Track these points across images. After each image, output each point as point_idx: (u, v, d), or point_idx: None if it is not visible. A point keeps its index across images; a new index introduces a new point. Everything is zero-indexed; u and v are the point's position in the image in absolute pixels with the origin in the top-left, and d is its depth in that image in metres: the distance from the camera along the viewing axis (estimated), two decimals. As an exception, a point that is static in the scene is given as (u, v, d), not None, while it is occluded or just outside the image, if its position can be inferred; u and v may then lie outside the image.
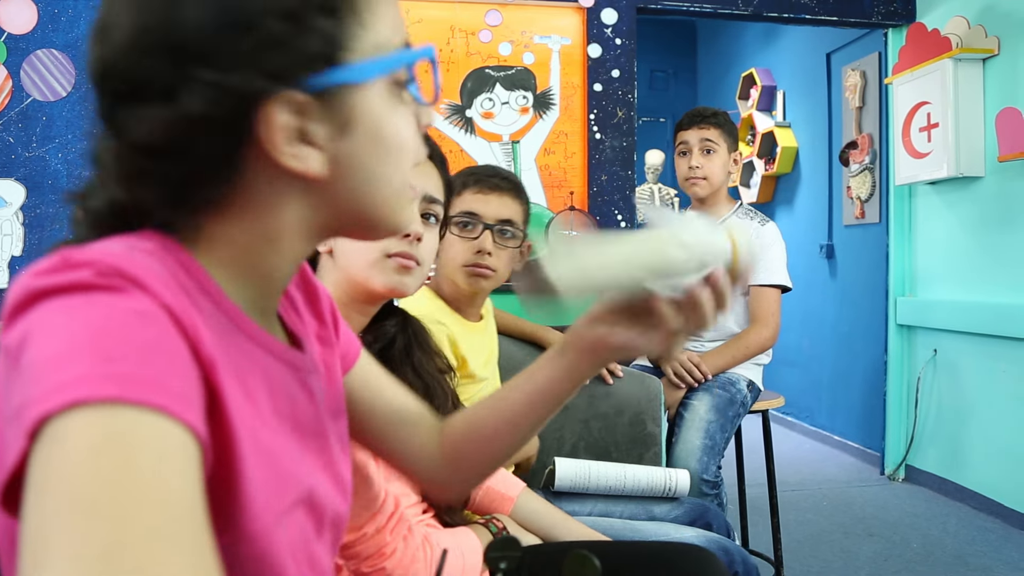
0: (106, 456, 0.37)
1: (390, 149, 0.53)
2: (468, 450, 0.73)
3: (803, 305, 4.34)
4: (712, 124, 2.02)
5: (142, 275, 0.43)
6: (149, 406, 0.39)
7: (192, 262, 0.50)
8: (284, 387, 0.55)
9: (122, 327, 0.41)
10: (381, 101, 0.52)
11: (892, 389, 3.37)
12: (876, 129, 3.54)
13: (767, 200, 4.67)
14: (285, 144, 0.48)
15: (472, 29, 3.11)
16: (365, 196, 0.53)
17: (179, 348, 0.43)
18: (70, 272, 0.42)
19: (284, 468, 0.52)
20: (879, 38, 3.49)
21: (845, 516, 2.87)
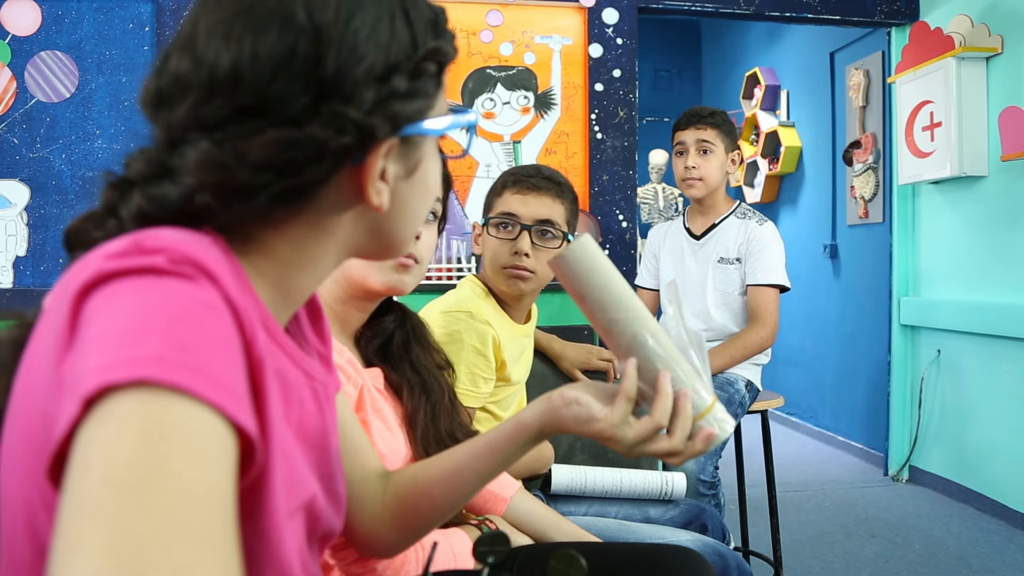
0: (155, 445, 0.38)
1: (429, 193, 0.61)
2: (410, 502, 0.74)
3: (807, 305, 4.33)
4: (709, 124, 2.01)
5: (214, 267, 0.44)
6: (208, 401, 0.40)
7: (238, 265, 0.52)
8: (297, 393, 0.57)
9: (196, 317, 0.42)
10: (432, 153, 0.60)
11: (896, 390, 3.35)
12: (880, 128, 3.53)
13: (771, 200, 4.66)
14: (375, 180, 0.54)
15: (473, 29, 3.11)
16: (403, 228, 0.60)
17: (237, 344, 0.45)
18: (143, 256, 0.43)
19: (297, 470, 0.54)
20: (882, 37, 3.48)
21: (847, 517, 2.86)
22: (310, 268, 0.57)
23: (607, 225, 3.15)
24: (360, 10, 0.51)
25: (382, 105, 0.51)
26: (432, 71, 0.55)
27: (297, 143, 0.49)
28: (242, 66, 0.49)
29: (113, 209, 0.51)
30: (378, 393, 0.96)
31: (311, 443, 0.59)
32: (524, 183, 1.34)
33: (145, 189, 0.50)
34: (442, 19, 0.58)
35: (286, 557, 0.52)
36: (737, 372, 1.96)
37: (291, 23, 0.49)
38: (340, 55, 0.50)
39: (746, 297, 2.02)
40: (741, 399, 1.91)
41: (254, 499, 0.48)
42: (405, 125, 0.54)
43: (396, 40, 0.53)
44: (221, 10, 0.50)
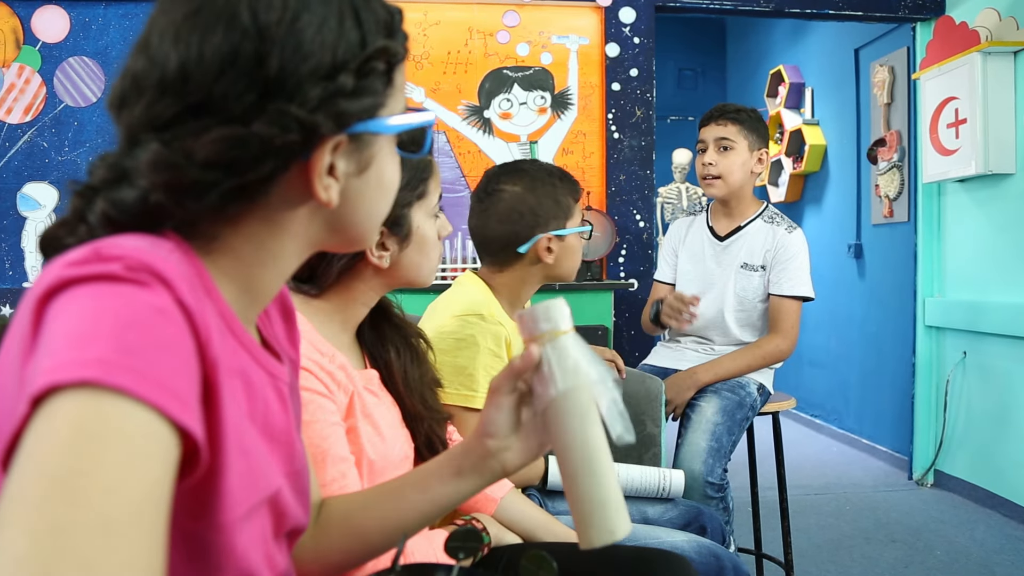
0: (90, 442, 0.40)
1: (386, 190, 0.62)
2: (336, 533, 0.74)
3: (831, 305, 4.26)
4: (731, 120, 1.92)
5: (168, 272, 0.46)
6: (149, 403, 0.42)
7: (202, 267, 0.53)
8: (261, 391, 0.59)
9: (144, 322, 0.44)
10: (388, 150, 0.61)
11: (920, 392, 3.29)
12: (905, 126, 3.46)
13: (795, 199, 4.60)
14: (323, 176, 0.54)
15: (490, 30, 3.13)
16: (358, 223, 0.61)
17: (189, 348, 0.46)
18: (101, 264, 0.45)
19: (257, 467, 0.55)
20: (907, 32, 3.41)
21: (868, 521, 2.81)
22: (271, 265, 0.58)
23: (624, 225, 3.14)
24: (306, 11, 0.52)
25: (328, 103, 0.52)
26: (381, 70, 0.55)
27: (243, 140, 0.50)
28: (189, 65, 0.50)
29: (82, 216, 0.53)
30: (371, 395, 0.96)
31: (277, 440, 0.61)
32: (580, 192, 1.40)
33: (107, 194, 0.52)
34: (397, 20, 0.59)
35: (244, 551, 0.54)
36: (749, 375, 1.92)
37: (236, 24, 0.50)
38: (284, 54, 0.51)
39: (766, 305, 1.96)
40: (752, 402, 1.88)
41: (207, 494, 0.50)
42: (354, 123, 0.55)
43: (344, 40, 0.53)
44: (173, 12, 0.52)
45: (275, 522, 0.60)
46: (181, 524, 0.50)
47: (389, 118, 0.58)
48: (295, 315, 0.72)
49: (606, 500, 0.67)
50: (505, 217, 1.33)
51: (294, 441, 0.64)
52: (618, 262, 3.13)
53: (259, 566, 0.57)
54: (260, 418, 0.58)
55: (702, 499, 1.70)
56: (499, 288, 1.38)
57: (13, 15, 2.97)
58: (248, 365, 0.57)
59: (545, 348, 0.67)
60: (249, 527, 0.55)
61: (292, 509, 0.62)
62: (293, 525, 0.64)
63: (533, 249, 1.35)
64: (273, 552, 0.60)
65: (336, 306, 0.96)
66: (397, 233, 0.94)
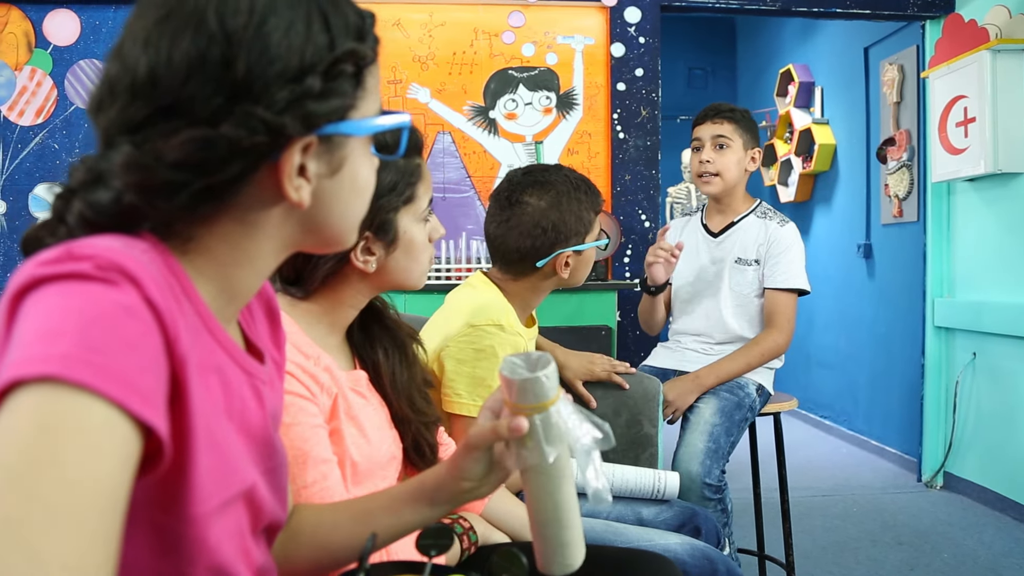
0: (48, 436, 0.41)
1: (360, 191, 0.63)
2: (305, 543, 0.75)
3: (840, 306, 4.23)
4: (726, 119, 1.94)
5: (137, 271, 0.47)
6: (109, 398, 0.43)
7: (179, 267, 0.55)
8: (238, 389, 0.60)
9: (110, 319, 0.45)
10: (361, 152, 0.61)
11: (930, 393, 3.26)
12: (914, 125, 3.43)
13: (805, 199, 4.57)
14: (292, 177, 0.55)
15: (495, 31, 3.13)
16: (334, 224, 0.62)
17: (156, 345, 0.48)
18: (72, 263, 0.46)
19: (231, 462, 0.56)
20: (917, 31, 3.38)
21: (874, 523, 2.79)
22: (248, 265, 0.59)
23: (629, 225, 3.14)
24: (273, 15, 0.53)
25: (295, 105, 0.53)
26: (349, 72, 0.56)
27: (211, 142, 0.51)
28: (159, 69, 0.51)
29: (61, 217, 0.54)
30: (358, 396, 0.96)
31: (254, 437, 0.62)
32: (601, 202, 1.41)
33: (84, 195, 0.53)
34: (368, 24, 0.60)
35: (218, 544, 0.55)
36: (748, 376, 1.92)
37: (203, 29, 0.52)
38: (251, 58, 0.52)
39: (762, 300, 1.97)
40: (751, 403, 1.88)
41: (177, 487, 0.51)
42: (323, 124, 0.55)
43: (311, 43, 0.54)
44: (145, 18, 0.53)
45: (252, 517, 0.61)
46: (152, 518, 0.51)
47: (361, 120, 0.59)
48: (280, 316, 0.74)
49: (569, 543, 0.71)
50: (528, 232, 1.32)
51: (271, 438, 0.65)
52: (623, 262, 3.13)
53: (233, 560, 0.57)
54: (237, 415, 0.59)
55: (700, 500, 1.70)
56: (512, 294, 1.38)
57: (25, 19, 3.01)
58: (225, 363, 0.58)
59: (533, 419, 0.68)
60: (223, 521, 0.56)
61: (269, 505, 0.63)
62: (271, 521, 0.64)
63: (550, 263, 1.35)
64: (250, 547, 0.61)
65: (324, 308, 0.96)
66: (383, 238, 0.94)
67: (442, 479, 0.74)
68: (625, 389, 1.61)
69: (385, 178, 0.92)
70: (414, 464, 1.02)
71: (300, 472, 0.83)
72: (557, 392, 0.69)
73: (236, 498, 0.57)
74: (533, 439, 0.68)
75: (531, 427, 0.68)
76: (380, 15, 2.15)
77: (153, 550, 0.52)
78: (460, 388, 1.26)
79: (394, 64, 3.09)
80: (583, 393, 1.59)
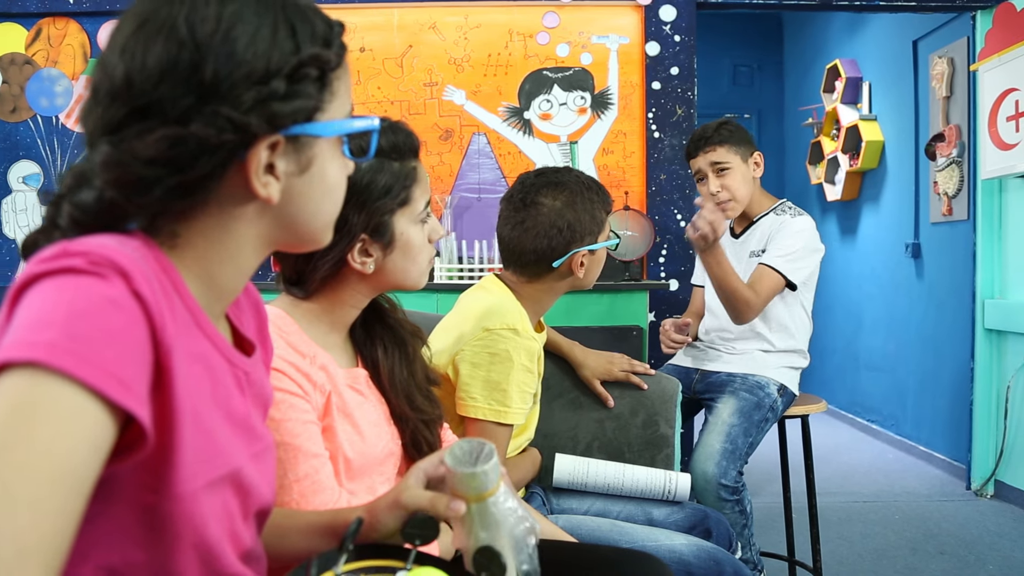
0: (22, 418, 0.45)
1: (330, 189, 0.66)
2: (272, 542, 0.77)
3: (889, 307, 4.11)
4: (716, 143, 1.93)
5: (127, 266, 0.52)
6: (89, 386, 0.47)
7: (168, 263, 0.59)
8: (223, 379, 0.64)
9: (95, 310, 0.49)
10: (331, 152, 0.65)
11: (979, 398, 3.14)
12: (964, 120, 3.31)
13: (852, 197, 4.45)
14: (260, 173, 0.59)
15: (530, 32, 3.15)
16: (306, 222, 0.65)
17: (140, 335, 0.52)
18: (66, 259, 0.51)
19: (217, 445, 0.60)
20: (967, 22, 3.26)
21: (917, 531, 2.71)
22: (229, 261, 0.63)
23: (665, 224, 3.11)
24: (240, 23, 0.57)
25: (261, 105, 0.57)
26: (313, 76, 0.60)
27: (181, 139, 0.55)
28: (133, 73, 0.56)
29: (54, 222, 0.59)
30: (355, 393, 0.98)
31: (239, 424, 0.65)
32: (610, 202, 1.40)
33: (70, 198, 0.58)
34: (336, 32, 0.63)
35: (204, 523, 0.58)
36: (769, 376, 1.89)
37: (174, 36, 0.56)
38: (218, 62, 0.56)
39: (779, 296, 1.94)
40: (772, 403, 1.85)
41: (162, 468, 0.55)
42: (288, 124, 0.59)
43: (277, 49, 0.58)
44: (125, 29, 0.58)
45: (241, 501, 0.64)
46: (140, 498, 0.55)
47: (328, 122, 0.62)
48: (267, 320, 0.77)
49: None
50: (544, 232, 1.32)
51: (254, 426, 0.68)
52: (658, 262, 3.11)
53: (219, 539, 0.61)
54: (223, 402, 0.63)
55: (716, 501, 1.68)
56: (525, 297, 1.38)
57: (82, 31, 3.16)
58: (211, 353, 0.62)
59: (471, 506, 0.71)
60: (210, 501, 0.59)
61: (257, 488, 0.66)
62: (260, 505, 0.67)
63: (566, 263, 1.35)
64: (240, 531, 0.65)
65: (324, 308, 0.99)
66: (379, 240, 0.96)
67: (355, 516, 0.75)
68: (644, 390, 1.61)
69: (380, 181, 0.95)
70: (413, 460, 1.04)
71: (292, 466, 0.85)
72: (497, 484, 0.72)
73: (222, 479, 0.61)
74: (470, 524, 0.71)
75: (467, 512, 0.71)
76: (416, 18, 2.23)
77: (140, 529, 0.56)
78: (475, 392, 1.27)
79: (430, 67, 3.14)
80: (600, 392, 1.59)
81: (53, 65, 3.14)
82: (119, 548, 0.55)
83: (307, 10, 0.61)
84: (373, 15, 3.12)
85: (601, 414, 1.63)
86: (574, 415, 1.64)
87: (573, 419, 1.64)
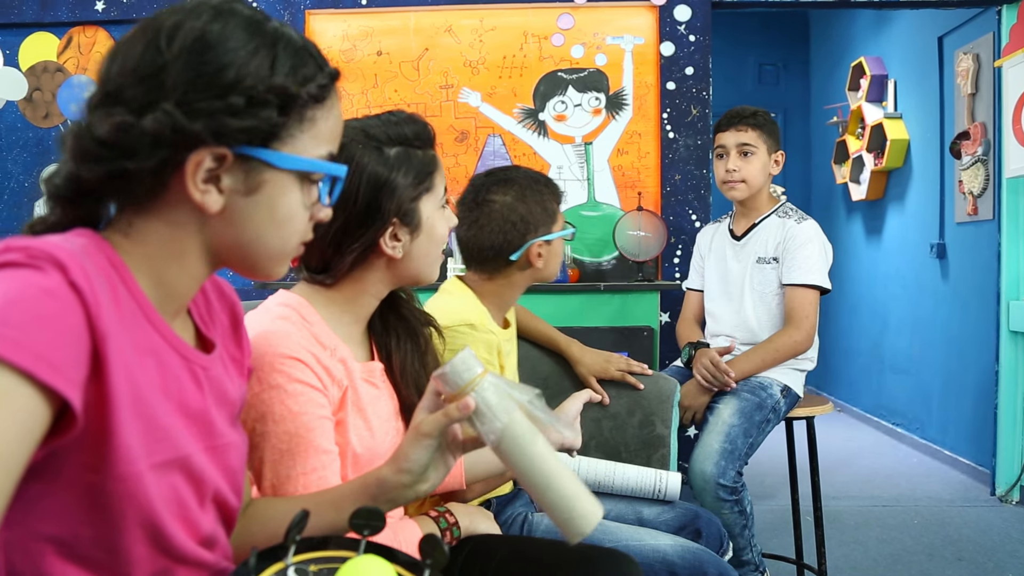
0: None
1: (278, 221, 0.68)
2: (258, 532, 0.80)
3: (914, 309, 4.04)
4: (750, 126, 1.94)
5: (64, 258, 0.56)
6: (21, 368, 0.51)
7: (118, 259, 0.64)
8: (174, 372, 0.67)
9: (29, 299, 0.53)
10: (288, 186, 0.67)
11: (1004, 402, 3.07)
12: (989, 117, 3.24)
13: (878, 197, 4.37)
14: (200, 180, 0.63)
15: (544, 33, 3.16)
16: (246, 244, 0.68)
17: (75, 322, 0.55)
18: (7, 254, 0.56)
19: (163, 431, 0.63)
20: (993, 17, 3.19)
21: (935, 536, 2.66)
22: (175, 263, 0.67)
23: (679, 225, 3.10)
24: (220, 41, 0.63)
25: (212, 116, 0.61)
26: (274, 103, 0.64)
27: (129, 127, 0.60)
28: (114, 67, 0.63)
29: (44, 219, 0.66)
30: (371, 387, 1.00)
31: (191, 415, 0.68)
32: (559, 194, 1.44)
33: (53, 179, 0.65)
34: (324, 75, 0.67)
35: (149, 503, 0.62)
36: (772, 376, 1.88)
37: (153, 42, 0.62)
38: (182, 69, 0.61)
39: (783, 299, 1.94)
40: (774, 404, 1.84)
41: (102, 448, 0.58)
42: (241, 143, 0.63)
43: (248, 71, 0.63)
44: (136, 30, 0.65)
45: (194, 488, 0.67)
46: (83, 478, 0.59)
47: (287, 154, 0.66)
48: (242, 320, 0.81)
49: (572, 498, 0.77)
50: (498, 227, 1.36)
51: (213, 421, 0.71)
52: (673, 262, 3.10)
53: (170, 522, 0.64)
54: (175, 394, 0.66)
55: (715, 501, 1.68)
56: (487, 295, 1.41)
57: (110, 38, 3.25)
58: (162, 348, 0.65)
59: (476, 395, 0.76)
60: (157, 483, 0.62)
61: (211, 476, 0.69)
62: (216, 494, 0.70)
63: (524, 256, 1.38)
64: (195, 517, 0.68)
65: (347, 296, 1.00)
66: (408, 224, 0.98)
67: (383, 475, 0.79)
68: (640, 390, 1.61)
69: (406, 170, 0.97)
70: None
71: (302, 459, 0.87)
72: (483, 368, 0.77)
73: (169, 464, 0.64)
74: (481, 415, 0.76)
75: (479, 403, 0.76)
76: (432, 22, 2.27)
77: (85, 506, 0.59)
78: None
79: (446, 69, 3.17)
80: (596, 388, 1.60)
81: (83, 72, 3.24)
82: (68, 524, 0.59)
83: (302, 51, 0.66)
84: (390, 19, 3.16)
85: (598, 413, 1.64)
86: (572, 415, 1.65)
87: (571, 418, 1.65)
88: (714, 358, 1.83)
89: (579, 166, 3.18)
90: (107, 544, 0.61)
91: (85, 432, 0.57)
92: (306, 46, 0.67)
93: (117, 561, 0.62)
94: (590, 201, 3.17)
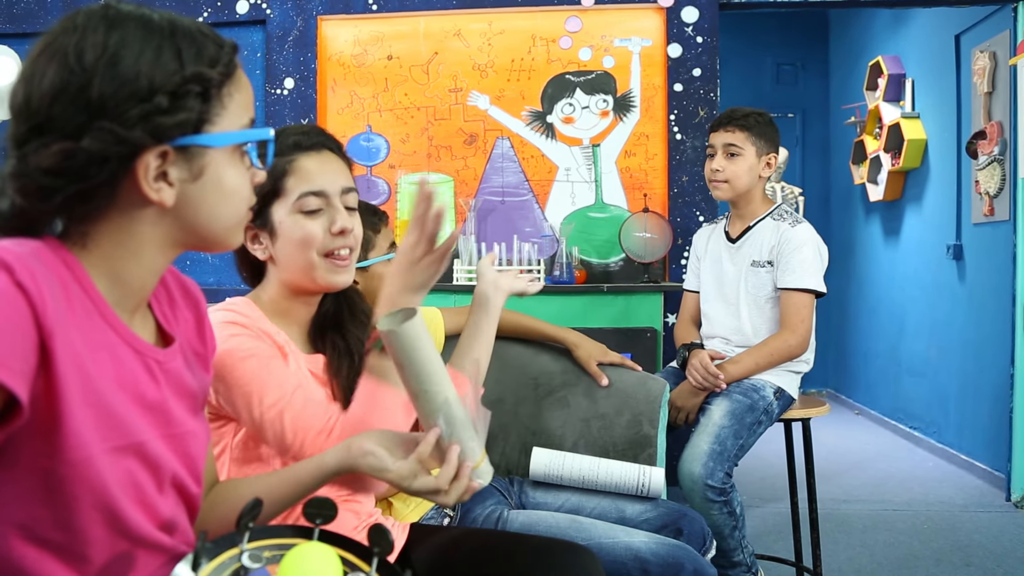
0: None
1: (227, 194, 0.72)
2: (221, 514, 0.84)
3: (931, 311, 3.98)
4: (739, 127, 1.96)
5: (10, 260, 0.60)
6: None
7: (75, 261, 0.67)
8: (128, 365, 0.71)
9: None
10: (226, 161, 0.71)
11: (1020, 406, 3.01)
12: (1006, 116, 3.18)
13: (895, 198, 4.32)
14: (151, 179, 0.66)
15: (552, 36, 3.18)
16: (205, 224, 0.72)
17: (20, 319, 0.59)
18: None
19: (115, 418, 0.67)
20: (1009, 14, 3.14)
21: (944, 541, 2.62)
22: (134, 260, 0.70)
23: (687, 226, 3.10)
24: (124, 48, 0.65)
25: (145, 119, 0.65)
26: (196, 92, 0.67)
27: (73, 153, 0.63)
28: (32, 95, 0.65)
29: None
30: (312, 377, 1.06)
31: (148, 405, 0.72)
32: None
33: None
34: (225, 51, 0.70)
35: (104, 487, 0.65)
36: (765, 378, 1.88)
37: (64, 62, 0.64)
38: (103, 83, 0.64)
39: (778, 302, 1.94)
40: (767, 406, 1.84)
41: (53, 436, 0.62)
42: (177, 136, 0.67)
43: (160, 69, 0.66)
44: (32, 56, 0.67)
45: (152, 473, 0.71)
46: (38, 463, 0.63)
47: (218, 133, 0.69)
48: (206, 315, 0.85)
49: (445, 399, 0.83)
50: None
51: (171, 410, 0.74)
52: (680, 264, 3.09)
53: (126, 505, 0.68)
54: (130, 385, 0.70)
55: (703, 502, 1.69)
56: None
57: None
58: (116, 343, 0.69)
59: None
60: (111, 468, 0.66)
61: (167, 463, 0.72)
62: (174, 479, 0.74)
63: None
64: (153, 501, 0.71)
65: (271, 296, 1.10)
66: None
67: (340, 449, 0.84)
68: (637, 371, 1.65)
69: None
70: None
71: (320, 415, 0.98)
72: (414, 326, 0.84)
73: (123, 449, 0.67)
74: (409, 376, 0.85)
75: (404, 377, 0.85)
76: (441, 26, 2.34)
77: (41, 490, 0.63)
78: None
79: (455, 73, 3.20)
80: (595, 371, 1.63)
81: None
82: (28, 508, 0.63)
83: (196, 34, 0.69)
84: (400, 24, 3.21)
85: (588, 413, 1.65)
86: (561, 413, 1.67)
87: (560, 417, 1.67)
88: (704, 360, 1.84)
89: (587, 168, 3.19)
90: (65, 526, 0.64)
91: (35, 420, 0.61)
92: (200, 27, 0.69)
93: (76, 542, 0.65)
94: (598, 203, 3.18)
